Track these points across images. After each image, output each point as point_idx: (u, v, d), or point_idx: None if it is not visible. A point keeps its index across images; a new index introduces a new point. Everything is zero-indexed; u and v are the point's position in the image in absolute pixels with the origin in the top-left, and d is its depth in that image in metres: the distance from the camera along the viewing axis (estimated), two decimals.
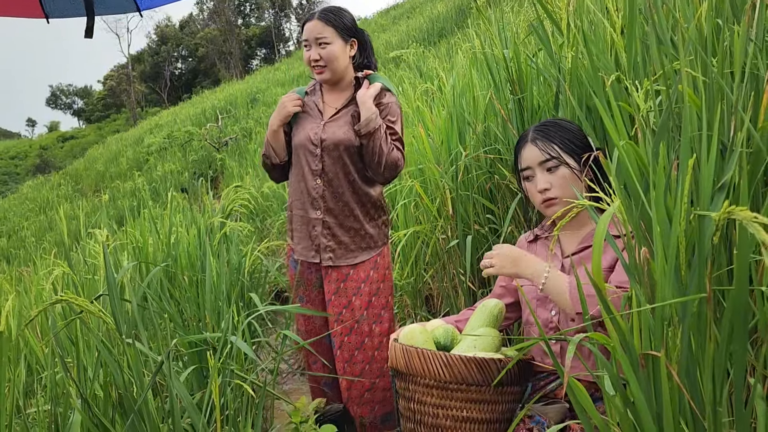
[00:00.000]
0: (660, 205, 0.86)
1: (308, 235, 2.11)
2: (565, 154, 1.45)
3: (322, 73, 2.06)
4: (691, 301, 0.82)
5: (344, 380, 2.10)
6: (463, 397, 1.35)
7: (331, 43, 2.02)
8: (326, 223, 2.08)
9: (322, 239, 2.08)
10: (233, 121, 16.49)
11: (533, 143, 1.49)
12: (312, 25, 2.03)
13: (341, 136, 2.04)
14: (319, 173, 2.07)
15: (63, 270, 2.14)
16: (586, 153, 1.42)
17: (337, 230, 2.08)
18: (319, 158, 2.06)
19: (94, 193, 16.97)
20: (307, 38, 2.04)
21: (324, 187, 2.07)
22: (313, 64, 2.05)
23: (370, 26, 21.88)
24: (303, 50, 2.10)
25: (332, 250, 2.09)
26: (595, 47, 1.66)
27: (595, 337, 0.88)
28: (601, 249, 0.91)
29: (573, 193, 1.44)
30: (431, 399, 1.38)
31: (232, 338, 1.58)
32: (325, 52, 2.02)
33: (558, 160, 1.46)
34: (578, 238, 1.47)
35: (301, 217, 2.12)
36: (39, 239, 12.89)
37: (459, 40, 7.94)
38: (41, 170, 35.62)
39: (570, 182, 1.44)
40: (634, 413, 0.84)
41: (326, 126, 2.08)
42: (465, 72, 3.16)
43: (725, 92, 1.04)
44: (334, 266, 2.10)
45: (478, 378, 1.33)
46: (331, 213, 2.08)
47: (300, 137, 2.09)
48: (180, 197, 4.55)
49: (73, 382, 1.34)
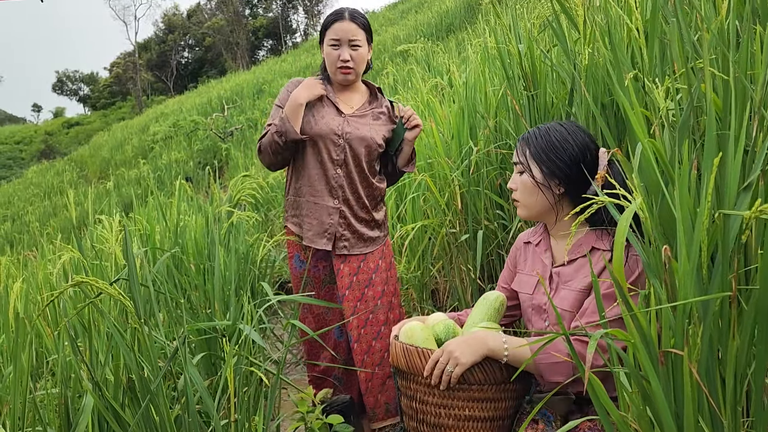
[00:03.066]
0: (684, 203, 0.85)
1: (321, 222, 2.12)
2: (533, 162, 1.42)
3: (349, 74, 2.09)
4: (713, 300, 0.82)
5: (363, 372, 2.14)
6: (465, 396, 1.34)
7: (362, 46, 2.08)
8: (343, 212, 2.12)
9: (338, 228, 2.12)
10: (239, 111, 16.49)
11: (519, 141, 1.49)
12: (346, 26, 2.04)
13: (366, 133, 2.12)
14: (341, 163, 2.11)
15: (73, 254, 2.15)
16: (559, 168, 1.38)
17: (353, 220, 2.13)
18: (342, 149, 2.10)
19: (99, 180, 17.00)
20: (339, 38, 2.05)
21: (344, 176, 2.11)
22: (342, 64, 2.07)
23: (378, 20, 21.83)
24: (327, 49, 2.09)
25: (347, 239, 2.13)
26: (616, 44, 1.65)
27: (615, 333, 0.88)
28: (622, 248, 0.90)
29: (532, 200, 1.43)
30: (433, 399, 1.37)
31: (244, 327, 1.58)
32: (356, 54, 2.07)
33: (522, 166, 1.45)
34: (568, 248, 1.44)
35: (314, 204, 2.13)
36: (43, 224, 12.93)
37: (469, 36, 7.91)
38: (46, 156, 35.68)
39: (529, 190, 1.44)
40: (653, 410, 0.84)
41: (350, 120, 2.12)
42: (477, 67, 3.15)
43: (748, 92, 1.04)
44: (346, 258, 2.13)
45: (480, 377, 1.33)
46: (348, 203, 2.13)
47: (321, 126, 2.09)
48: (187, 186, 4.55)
49: (85, 366, 1.35)
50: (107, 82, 56.17)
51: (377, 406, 2.16)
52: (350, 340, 2.16)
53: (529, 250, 1.56)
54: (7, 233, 13.15)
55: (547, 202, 1.42)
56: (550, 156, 1.39)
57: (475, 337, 1.34)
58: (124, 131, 22.42)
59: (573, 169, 1.38)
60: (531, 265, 1.53)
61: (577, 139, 1.40)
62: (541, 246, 1.51)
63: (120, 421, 1.40)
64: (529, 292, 1.49)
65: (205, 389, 1.34)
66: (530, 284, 1.51)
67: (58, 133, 47.48)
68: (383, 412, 2.17)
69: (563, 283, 1.40)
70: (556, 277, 1.43)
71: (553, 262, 1.46)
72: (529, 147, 1.43)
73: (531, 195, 1.44)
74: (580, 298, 1.35)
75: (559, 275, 1.42)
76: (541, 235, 1.53)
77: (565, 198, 1.43)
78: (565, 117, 2.07)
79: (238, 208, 3.64)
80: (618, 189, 1.03)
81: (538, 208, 1.45)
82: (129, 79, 50.46)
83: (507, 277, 1.64)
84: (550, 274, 1.45)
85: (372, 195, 2.18)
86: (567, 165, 1.38)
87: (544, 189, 1.41)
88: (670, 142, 1.16)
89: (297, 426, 1.72)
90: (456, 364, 1.29)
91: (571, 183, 1.39)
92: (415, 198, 2.97)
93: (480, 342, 1.32)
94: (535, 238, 1.54)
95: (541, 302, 1.46)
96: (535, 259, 1.52)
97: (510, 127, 2.44)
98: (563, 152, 1.39)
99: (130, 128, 22.75)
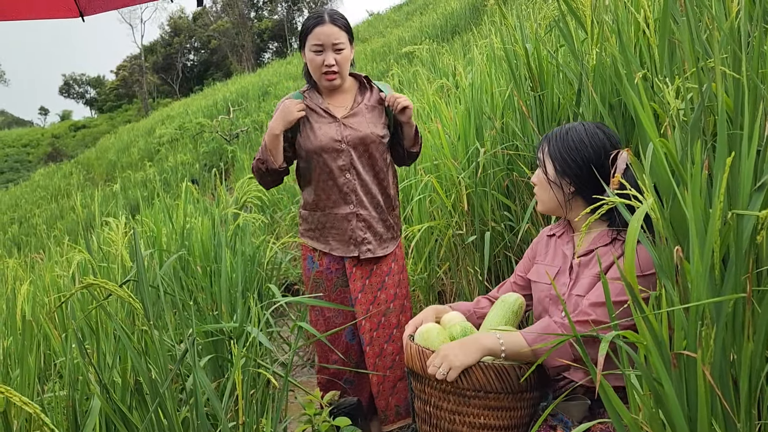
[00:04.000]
0: (696, 203, 0.84)
1: (343, 231, 2.12)
2: (548, 159, 1.47)
3: (334, 80, 2.06)
4: (727, 302, 0.81)
5: (375, 375, 2.12)
6: (481, 404, 1.33)
7: (345, 48, 2.03)
8: (360, 215, 2.11)
9: (358, 232, 2.10)
10: (244, 113, 16.53)
11: (542, 138, 1.54)
12: (328, 29, 1.99)
13: (365, 130, 2.08)
14: (348, 168, 2.08)
15: (83, 256, 2.15)
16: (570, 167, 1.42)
17: (372, 221, 2.12)
18: (346, 153, 2.07)
19: (106, 183, 17.07)
20: (322, 43, 1.99)
21: (354, 180, 2.09)
22: (328, 70, 2.03)
23: (383, 21, 21.84)
24: (309, 55, 2.04)
25: (369, 242, 2.12)
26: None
27: (627, 335, 0.87)
28: (634, 247, 0.90)
29: (545, 196, 1.48)
30: (448, 405, 1.35)
31: (252, 330, 1.57)
32: (340, 57, 2.03)
33: (540, 162, 1.50)
34: (588, 240, 1.46)
35: (335, 215, 2.12)
36: (50, 227, 12.98)
37: (474, 37, 7.91)
38: (53, 158, 35.85)
39: (543, 186, 1.49)
40: (665, 412, 0.83)
41: (345, 123, 2.09)
42: (483, 68, 3.14)
43: (760, 91, 1.02)
44: (359, 262, 2.12)
45: (497, 386, 1.31)
46: (363, 205, 2.11)
47: (319, 140, 2.06)
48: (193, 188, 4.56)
49: (93, 368, 1.34)
50: (113, 85, 56.41)
51: (388, 409, 2.16)
52: (362, 343, 2.14)
53: (552, 242, 1.59)
54: (15, 236, 13.22)
55: (558, 199, 1.46)
56: (564, 155, 1.43)
57: (470, 339, 1.35)
58: (131, 134, 22.50)
59: (584, 169, 1.40)
60: (552, 257, 1.55)
61: (594, 140, 1.42)
62: (563, 238, 1.54)
63: (127, 423, 1.40)
64: (548, 282, 1.50)
65: (214, 392, 1.34)
66: (550, 274, 1.52)
67: (64, 136, 47.69)
68: (394, 415, 2.17)
69: (582, 272, 1.42)
70: (576, 268, 1.44)
71: (574, 254, 1.48)
72: (549, 144, 1.48)
73: (545, 191, 1.49)
74: (594, 283, 1.37)
75: (579, 265, 1.44)
76: (564, 228, 1.56)
77: (577, 197, 1.45)
78: (573, 117, 2.06)
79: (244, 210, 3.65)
80: (629, 189, 1.02)
81: (551, 203, 1.49)
82: (135, 82, 50.67)
83: (524, 266, 1.66)
84: (570, 265, 1.47)
85: (384, 192, 2.15)
86: (578, 165, 1.41)
87: (555, 186, 1.45)
88: (681, 142, 1.15)
89: (304, 428, 1.71)
90: (449, 367, 1.30)
91: (582, 183, 1.41)
92: (421, 199, 2.96)
93: (474, 343, 1.33)
94: (559, 230, 1.58)
95: (560, 293, 1.47)
96: (557, 250, 1.54)
97: (517, 128, 2.43)
98: (576, 152, 1.42)
99: (136, 131, 22.84)
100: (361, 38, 20.76)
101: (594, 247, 1.42)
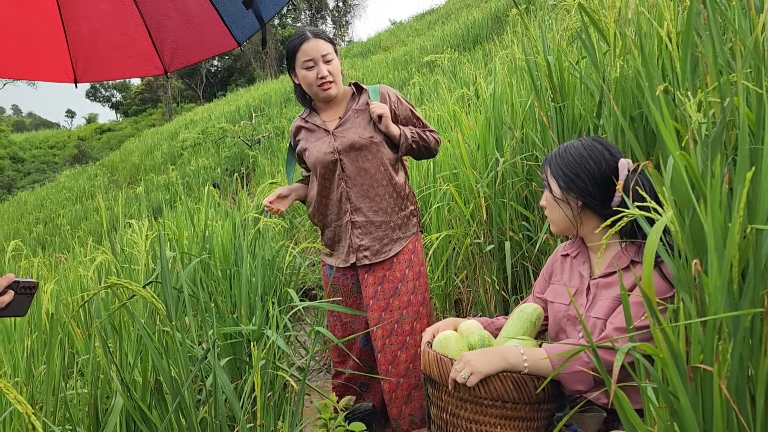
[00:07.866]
0: (716, 217, 0.84)
1: (341, 239, 2.17)
2: (551, 178, 1.48)
3: (330, 89, 2.11)
4: (744, 316, 0.81)
5: (386, 382, 2.12)
6: (498, 414, 1.33)
7: (333, 59, 2.09)
8: (356, 222, 2.13)
9: (354, 240, 2.13)
10: (266, 119, 16.66)
11: (543, 161, 1.55)
12: (314, 44, 2.05)
13: (352, 136, 2.11)
14: (341, 176, 2.12)
15: (106, 257, 2.20)
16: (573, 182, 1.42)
17: (368, 227, 2.13)
18: (338, 162, 2.12)
19: (129, 185, 17.32)
20: (311, 58, 2.05)
21: (348, 188, 2.12)
22: (322, 81, 2.08)
23: (405, 30, 21.93)
24: (301, 72, 2.09)
25: (366, 248, 2.13)
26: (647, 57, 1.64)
27: (644, 347, 0.87)
28: (652, 261, 0.90)
29: (555, 215, 1.48)
30: (465, 413, 1.35)
31: (270, 333, 1.60)
32: (332, 67, 2.09)
33: (545, 183, 1.51)
34: (605, 261, 1.45)
35: (338, 226, 2.18)
36: (74, 228, 13.21)
37: (496, 47, 7.91)
38: (78, 160, 36.49)
39: (551, 205, 1.49)
40: (681, 426, 0.83)
41: (336, 135, 2.14)
42: (504, 78, 3.15)
43: None
44: (370, 268, 2.14)
45: (515, 395, 1.31)
46: (359, 211, 2.13)
47: (316, 156, 2.14)
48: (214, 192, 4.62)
49: (115, 367, 1.38)
50: (139, 89, 57.32)
51: (401, 417, 2.14)
52: (374, 349, 2.15)
53: (567, 262, 1.57)
54: (40, 235, 13.47)
55: (568, 215, 1.46)
56: (566, 171, 1.44)
57: (494, 350, 1.36)
58: (154, 137, 22.81)
59: (588, 182, 1.41)
60: (569, 277, 1.54)
61: (593, 152, 1.43)
62: (579, 258, 1.53)
63: (147, 421, 1.43)
64: (566, 302, 1.50)
65: (233, 393, 1.36)
66: (567, 295, 1.51)
67: (90, 139, 48.56)
68: (407, 424, 2.15)
69: (600, 293, 1.41)
70: (594, 288, 1.44)
71: (591, 274, 1.47)
72: (550, 165, 1.49)
73: (554, 210, 1.49)
74: (614, 306, 1.36)
75: (597, 286, 1.43)
76: (578, 248, 1.55)
77: (587, 211, 1.45)
78: (593, 129, 2.05)
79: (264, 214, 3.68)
80: (649, 201, 1.02)
81: (562, 222, 1.49)
82: (160, 87, 51.42)
83: (541, 286, 1.66)
84: (587, 286, 1.46)
85: (388, 192, 2.14)
86: (581, 179, 1.42)
87: (562, 203, 1.46)
88: (701, 155, 1.15)
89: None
90: (471, 372, 1.30)
91: (589, 195, 1.42)
92: (439, 208, 2.97)
93: (498, 355, 1.33)
94: (573, 250, 1.56)
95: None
96: (572, 271, 1.53)
97: (537, 139, 2.43)
98: (577, 166, 1.43)
99: (160, 135, 23.14)
100: (383, 47, 20.85)
101: (613, 270, 1.41)
